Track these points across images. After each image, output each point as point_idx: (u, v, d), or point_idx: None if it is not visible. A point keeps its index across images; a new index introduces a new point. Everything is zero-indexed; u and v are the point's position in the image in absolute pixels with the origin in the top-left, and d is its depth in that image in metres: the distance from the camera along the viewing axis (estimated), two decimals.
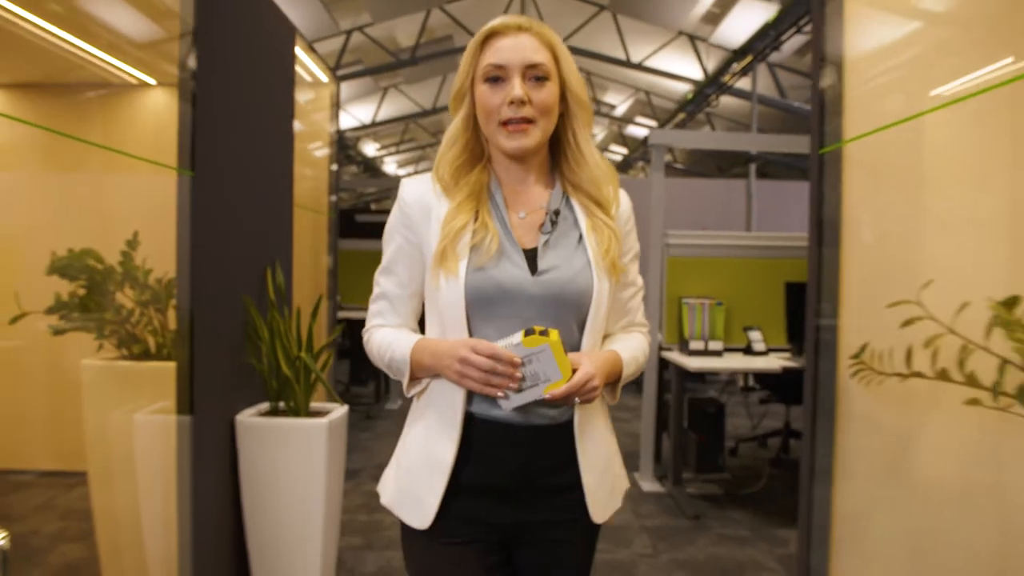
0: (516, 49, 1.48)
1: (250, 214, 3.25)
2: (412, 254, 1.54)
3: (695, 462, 4.75)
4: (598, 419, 1.55)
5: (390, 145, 16.63)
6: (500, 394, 1.39)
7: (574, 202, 1.55)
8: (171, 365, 2.69)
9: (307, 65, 4.29)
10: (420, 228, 1.52)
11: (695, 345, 4.64)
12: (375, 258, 1.58)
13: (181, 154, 2.63)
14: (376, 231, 7.10)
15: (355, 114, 13.63)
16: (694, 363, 4.37)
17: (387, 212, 6.01)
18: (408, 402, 1.60)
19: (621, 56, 11.32)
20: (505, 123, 1.47)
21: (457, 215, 1.48)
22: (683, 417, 4.80)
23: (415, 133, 16.57)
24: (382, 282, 1.58)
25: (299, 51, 3.89)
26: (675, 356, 4.63)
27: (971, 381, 1.58)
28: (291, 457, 3.06)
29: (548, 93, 1.48)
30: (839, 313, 2.06)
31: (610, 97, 14.40)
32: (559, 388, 1.36)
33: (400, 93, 13.60)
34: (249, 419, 3.07)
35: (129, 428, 2.69)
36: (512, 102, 1.45)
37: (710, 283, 4.87)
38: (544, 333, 1.35)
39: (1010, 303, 1.43)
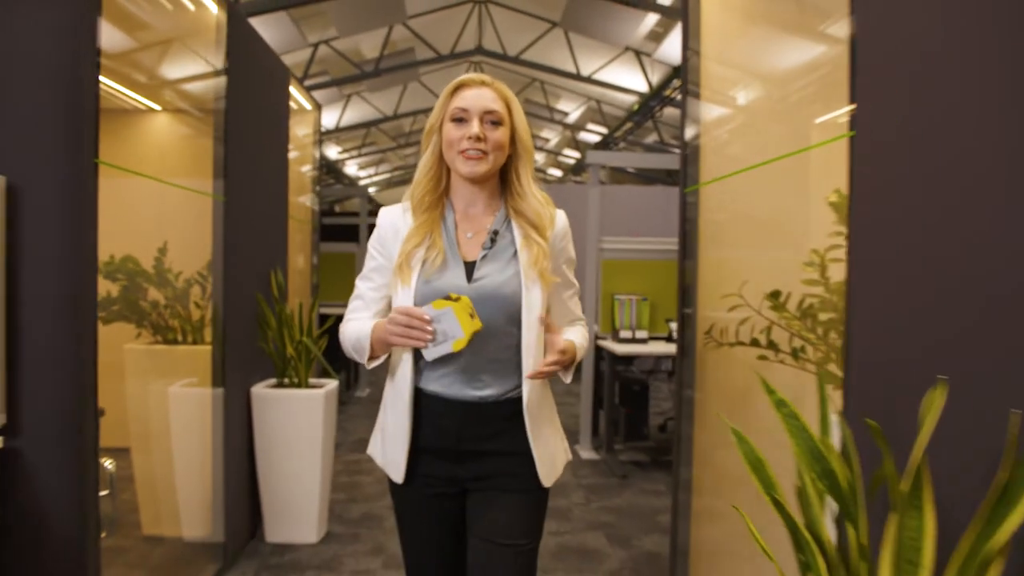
0: (478, 98, 1.84)
1: (258, 227, 4.08)
2: (384, 265, 1.93)
3: (624, 433, 5.68)
4: (546, 401, 1.93)
5: (352, 149, 17.36)
6: (422, 345, 1.74)
7: (514, 225, 1.90)
8: (204, 348, 3.51)
9: (296, 97, 5.10)
10: (390, 246, 1.91)
11: (624, 334, 5.57)
12: (342, 259, 2.35)
13: (216, 184, 3.45)
14: (342, 233, 8.01)
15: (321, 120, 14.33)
16: (622, 348, 5.29)
17: (350, 214, 6.90)
18: (375, 390, 2.38)
19: (572, 69, 12.22)
20: (463, 151, 1.83)
21: (413, 236, 1.86)
22: (615, 395, 5.72)
23: (376, 137, 17.30)
24: (360, 286, 1.97)
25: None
26: (608, 343, 5.54)
27: (769, 346, 2.48)
28: (295, 420, 3.91)
29: (500, 134, 1.85)
30: (696, 304, 2.96)
31: (563, 104, 15.30)
32: (462, 343, 1.72)
33: (363, 100, 14.34)
34: (262, 390, 3.92)
35: (165, 399, 3.49)
36: (470, 137, 1.81)
37: (637, 281, 5.79)
38: (457, 300, 1.71)
39: (775, 294, 2.33)
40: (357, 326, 1.90)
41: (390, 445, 1.91)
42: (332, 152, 16.81)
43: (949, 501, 1.53)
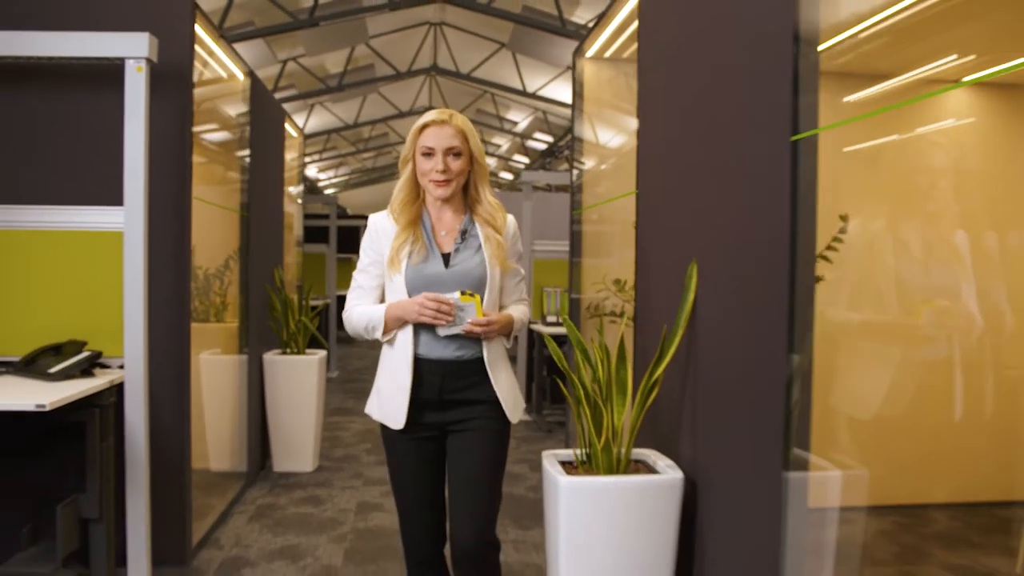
0: (441, 137, 2.38)
1: (265, 234, 5.47)
2: (378, 261, 2.47)
3: (550, 398, 7.17)
4: (501, 358, 2.47)
5: (313, 153, 18.64)
6: (442, 323, 2.29)
7: (477, 225, 2.46)
8: (222, 325, 4.86)
9: (287, 129, 6.45)
10: (381, 245, 2.45)
11: (551, 319, 7.07)
12: (311, 259, 3.56)
13: (242, 204, 4.85)
14: (315, 235, 9.51)
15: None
16: (549, 330, 6.76)
17: (316, 216, 8.40)
18: (343, 372, 3.70)
19: (519, 86, 13.68)
20: (433, 180, 2.38)
21: (400, 236, 2.41)
22: (543, 368, 7.20)
23: (336, 142, 18.63)
24: (359, 278, 2.51)
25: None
26: (538, 327, 7.02)
27: (612, 313, 3.96)
28: (295, 380, 5.32)
29: (460, 164, 2.40)
30: (581, 290, 4.44)
31: (512, 115, 16.77)
32: (470, 326, 2.28)
33: (325, 109, 15.65)
34: (271, 357, 5.33)
35: (198, 364, 4.84)
36: (438, 170, 2.37)
37: (562, 276, 7.28)
38: (472, 296, 2.30)
39: (617, 281, 3.80)
40: (366, 310, 2.46)
41: (388, 401, 2.44)
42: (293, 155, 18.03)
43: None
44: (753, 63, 2.20)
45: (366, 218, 10.36)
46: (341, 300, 10.71)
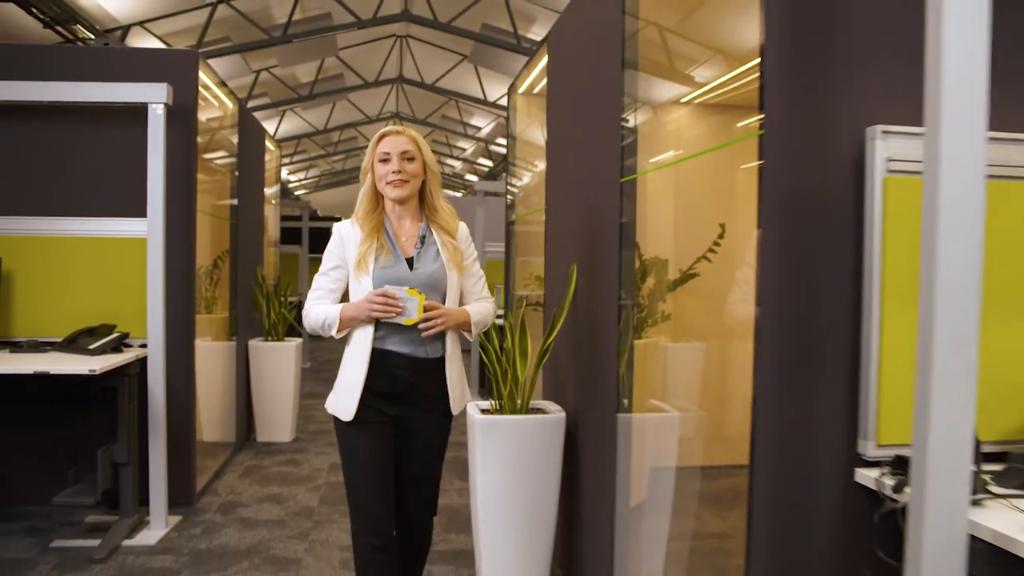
0: (396, 144, 2.65)
1: (250, 239, 6.43)
2: (340, 267, 2.70)
3: None
4: (457, 355, 2.74)
5: (284, 156, 19.52)
6: (393, 316, 2.54)
7: (433, 231, 2.72)
8: (212, 316, 5.81)
9: (267, 145, 7.40)
10: (346, 251, 2.68)
11: (499, 312, 8.08)
12: (286, 259, 4.48)
13: (232, 213, 5.80)
14: (283, 237, 10.49)
15: None
16: (500, 322, 7.78)
17: (290, 219, 9.40)
18: (315, 363, 4.21)
19: (480, 95, 14.67)
20: (390, 182, 2.64)
21: (365, 241, 2.64)
22: None
23: (307, 146, 19.52)
24: (321, 280, 2.71)
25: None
26: None
27: (536, 303, 4.96)
28: (276, 363, 6.30)
29: (414, 166, 2.66)
30: (516, 286, 5.44)
31: (476, 120, 17.76)
32: (413, 320, 2.55)
33: (296, 115, 16.55)
34: (255, 343, 6.30)
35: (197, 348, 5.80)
36: (394, 172, 2.63)
37: None
38: (419, 294, 2.56)
39: (539, 278, 4.79)
40: (323, 308, 2.67)
41: (343, 394, 2.66)
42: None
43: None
44: (602, 130, 3.19)
45: (337, 219, 11.46)
46: None
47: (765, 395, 1.82)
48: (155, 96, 4.19)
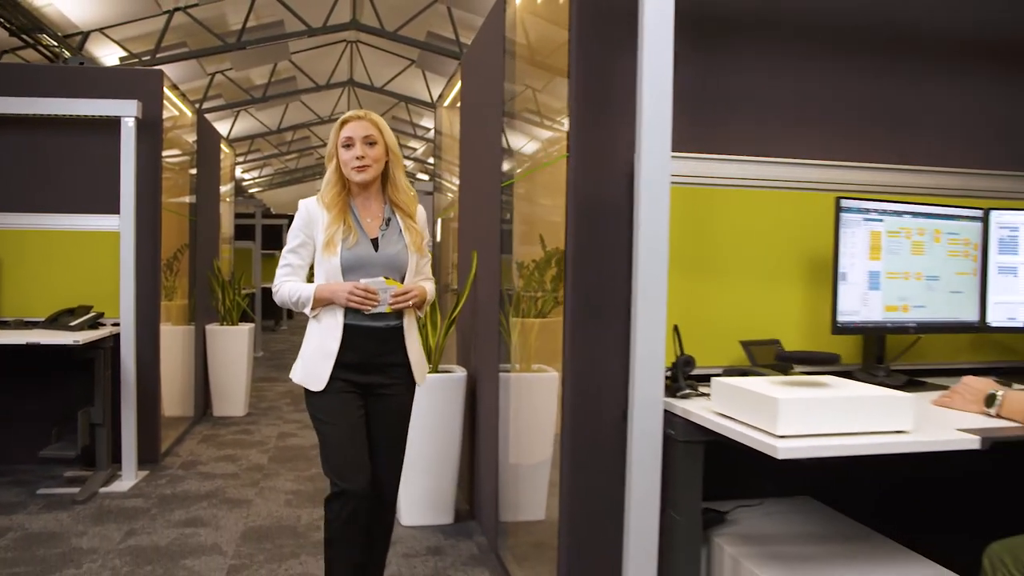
0: (358, 128, 2.75)
1: (207, 234, 7.19)
2: (308, 243, 2.81)
3: None
4: (414, 327, 2.89)
5: (238, 155, 20.15)
6: (368, 308, 2.68)
7: (396, 214, 2.85)
8: (184, 302, 6.59)
9: (222, 148, 8.14)
10: (313, 230, 2.78)
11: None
12: (240, 254, 5.31)
13: (191, 210, 6.58)
14: (237, 233, 11.30)
15: None
16: None
17: (244, 216, 10.20)
18: (267, 353, 5.32)
19: (427, 99, 15.47)
20: (354, 167, 2.74)
21: (332, 223, 2.74)
22: None
23: (260, 145, 20.18)
24: (289, 257, 2.83)
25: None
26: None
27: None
28: (231, 344, 7.08)
29: (376, 150, 2.77)
30: (440, 273, 6.28)
31: (425, 121, 18.56)
32: (389, 309, 2.70)
33: (250, 115, 17.23)
34: (212, 327, 7.09)
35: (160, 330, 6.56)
36: (357, 157, 2.73)
37: None
38: (393, 281, 2.72)
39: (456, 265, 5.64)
40: (297, 286, 2.79)
41: (312, 365, 2.78)
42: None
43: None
44: (490, 142, 4.03)
45: (289, 218, 12.32)
46: (266, 291, 12.50)
47: (572, 332, 2.63)
48: (127, 111, 4.97)
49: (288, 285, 2.82)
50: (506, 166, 3.84)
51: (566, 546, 2.64)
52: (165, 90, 5.52)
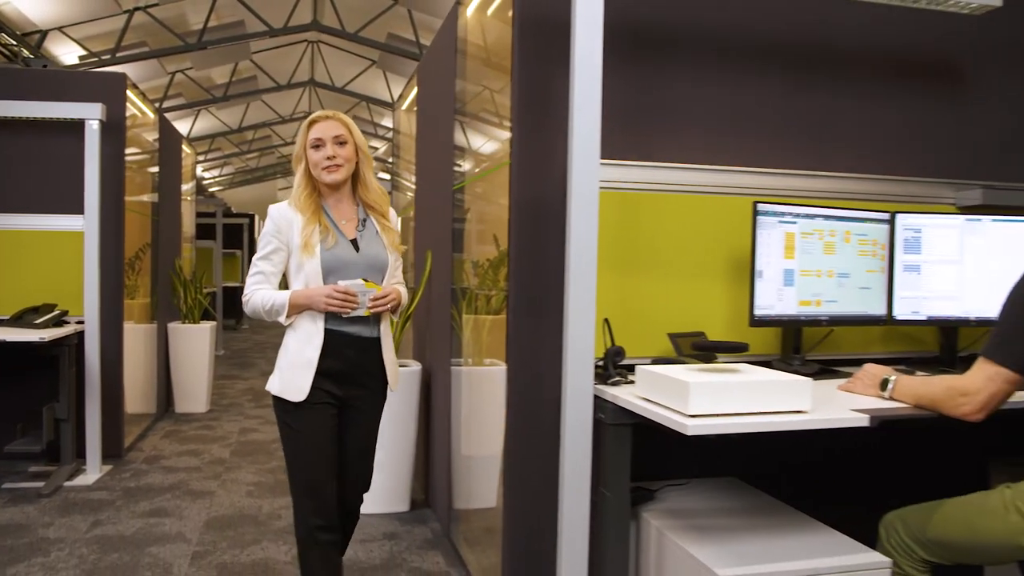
0: (327, 128, 2.70)
1: (168, 234, 7.33)
2: (280, 249, 2.70)
3: None
4: (389, 335, 2.82)
5: (199, 154, 20.15)
6: (347, 311, 2.60)
7: (370, 214, 2.79)
8: (146, 301, 6.73)
9: (183, 149, 8.27)
10: (286, 233, 2.68)
11: None
12: (201, 253, 5.51)
13: (153, 211, 6.72)
14: (198, 232, 11.43)
15: None
16: None
17: (205, 215, 10.33)
18: (228, 352, 5.48)
19: (388, 99, 15.62)
20: (325, 168, 2.68)
21: (308, 226, 2.66)
22: None
23: (221, 143, 20.20)
24: (261, 265, 2.70)
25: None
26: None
27: None
28: (192, 342, 7.23)
29: (347, 150, 2.71)
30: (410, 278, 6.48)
31: (387, 121, 18.69)
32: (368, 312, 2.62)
33: (211, 114, 17.27)
34: (174, 325, 7.22)
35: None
36: (327, 157, 2.67)
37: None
38: (372, 283, 2.65)
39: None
40: (269, 294, 2.68)
41: (291, 375, 2.68)
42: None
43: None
44: (442, 147, 4.24)
45: (249, 216, 12.44)
46: (226, 290, 12.63)
47: (514, 327, 2.84)
48: (91, 114, 5.11)
49: (260, 293, 2.71)
50: (457, 170, 4.06)
51: (509, 527, 2.86)
52: (128, 92, 5.66)
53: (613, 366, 2.58)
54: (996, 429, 2.47)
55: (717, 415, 2.09)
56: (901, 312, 3.00)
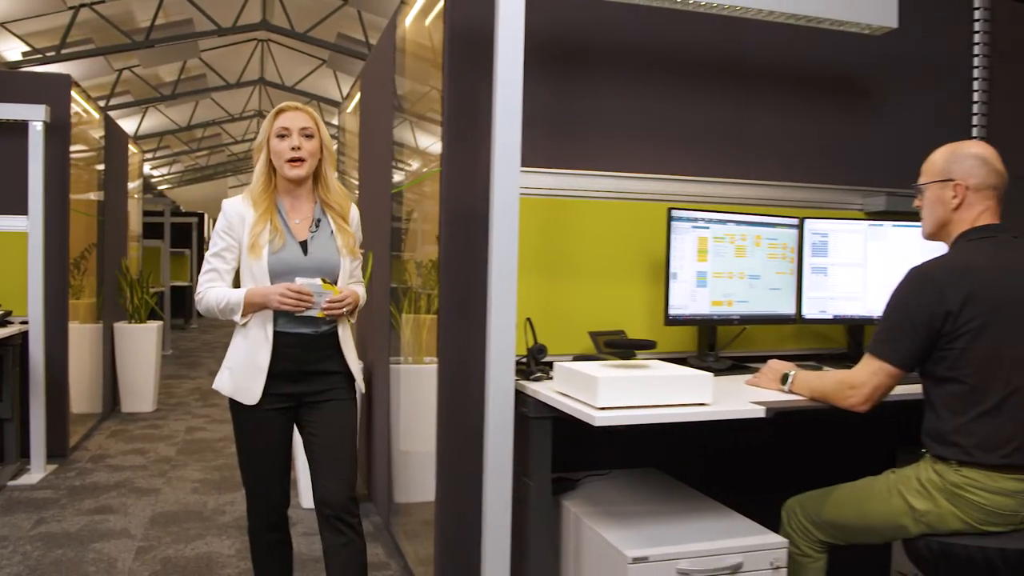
0: (295, 119, 2.61)
1: (114, 234, 7.37)
2: (233, 246, 2.62)
3: None
4: (349, 333, 2.78)
5: (147, 152, 20.00)
6: (304, 310, 2.50)
7: (327, 214, 2.71)
8: (91, 301, 6.76)
9: (129, 148, 8.29)
10: (238, 230, 2.61)
11: None
12: (148, 252, 5.62)
13: (99, 211, 6.76)
14: (146, 231, 11.48)
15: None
16: None
17: (153, 214, 10.37)
18: (176, 351, 5.54)
19: (338, 98, 15.66)
20: (289, 160, 2.59)
21: (257, 224, 2.57)
22: None
23: (170, 141, 20.06)
24: (214, 262, 2.63)
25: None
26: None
27: None
28: (139, 342, 7.28)
29: (313, 144, 2.63)
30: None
31: (337, 120, 18.71)
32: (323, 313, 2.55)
33: (159, 111, 17.16)
34: (120, 325, 7.27)
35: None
36: (293, 148, 2.58)
37: None
38: (330, 283, 2.59)
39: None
40: (223, 292, 2.61)
41: (244, 376, 2.61)
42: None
43: None
44: (381, 151, 4.38)
45: (199, 215, 12.45)
46: (175, 289, 12.61)
47: (444, 327, 2.98)
48: (35, 115, 5.17)
49: (214, 291, 2.63)
50: (396, 172, 4.20)
51: (441, 518, 3.00)
52: (72, 93, 5.71)
53: (535, 363, 2.75)
54: (908, 418, 2.67)
55: (624, 407, 2.26)
56: (809, 312, 3.21)
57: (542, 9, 2.78)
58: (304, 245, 2.66)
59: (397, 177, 4.23)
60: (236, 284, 2.68)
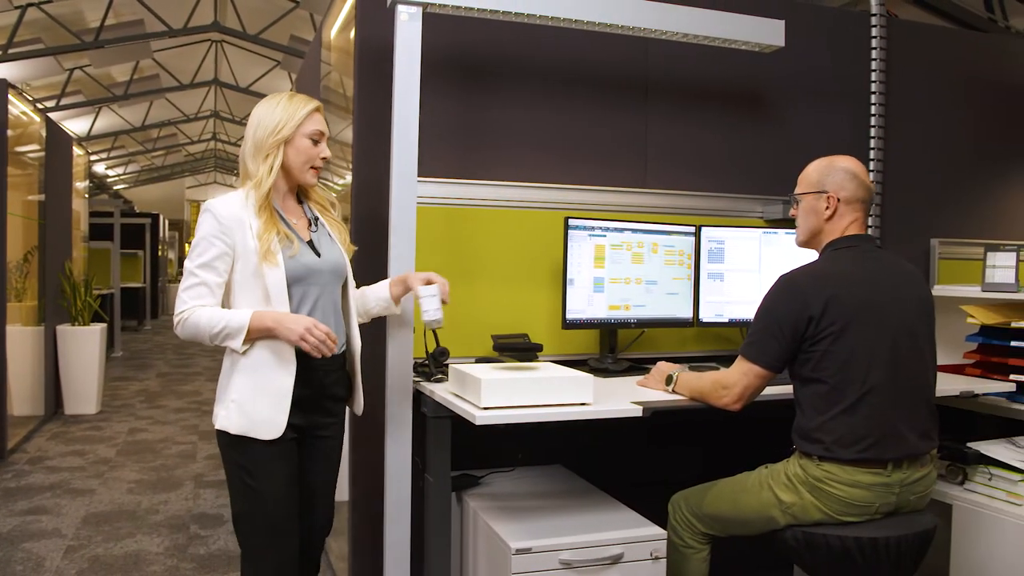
0: (323, 123, 2.37)
1: (57, 236, 7.41)
2: (227, 254, 2.21)
3: None
4: (358, 353, 2.53)
5: (101, 151, 19.90)
6: (318, 356, 2.17)
7: (314, 209, 2.49)
8: (23, 304, 6.81)
9: (74, 151, 8.33)
10: (235, 235, 2.21)
11: None
12: (97, 254, 5.69)
13: (40, 214, 6.81)
14: (94, 232, 11.53)
15: (71, 128, 16.92)
16: None
17: (101, 215, 10.40)
18: (127, 352, 5.64)
19: None
20: (315, 167, 2.36)
21: (268, 229, 2.22)
22: None
23: (124, 141, 19.95)
24: (202, 274, 2.19)
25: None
26: None
27: None
28: (82, 344, 7.33)
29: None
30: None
31: None
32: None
33: (112, 111, 17.06)
34: (63, 327, 7.32)
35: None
36: (323, 158, 2.36)
37: None
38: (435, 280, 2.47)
39: None
40: (218, 314, 2.19)
41: (260, 406, 2.23)
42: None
43: None
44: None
45: (152, 216, 12.44)
46: (125, 291, 12.60)
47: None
48: None
49: (206, 312, 2.20)
50: (337, 180, 4.34)
51: (354, 517, 3.15)
52: (10, 96, 5.77)
53: (435, 365, 2.89)
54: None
55: (507, 407, 2.41)
56: (706, 315, 3.38)
57: (446, 27, 2.94)
58: (312, 246, 2.40)
59: (339, 182, 4.35)
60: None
